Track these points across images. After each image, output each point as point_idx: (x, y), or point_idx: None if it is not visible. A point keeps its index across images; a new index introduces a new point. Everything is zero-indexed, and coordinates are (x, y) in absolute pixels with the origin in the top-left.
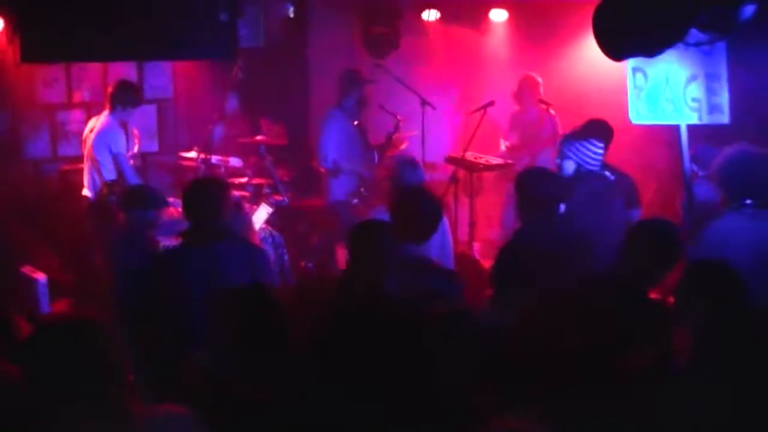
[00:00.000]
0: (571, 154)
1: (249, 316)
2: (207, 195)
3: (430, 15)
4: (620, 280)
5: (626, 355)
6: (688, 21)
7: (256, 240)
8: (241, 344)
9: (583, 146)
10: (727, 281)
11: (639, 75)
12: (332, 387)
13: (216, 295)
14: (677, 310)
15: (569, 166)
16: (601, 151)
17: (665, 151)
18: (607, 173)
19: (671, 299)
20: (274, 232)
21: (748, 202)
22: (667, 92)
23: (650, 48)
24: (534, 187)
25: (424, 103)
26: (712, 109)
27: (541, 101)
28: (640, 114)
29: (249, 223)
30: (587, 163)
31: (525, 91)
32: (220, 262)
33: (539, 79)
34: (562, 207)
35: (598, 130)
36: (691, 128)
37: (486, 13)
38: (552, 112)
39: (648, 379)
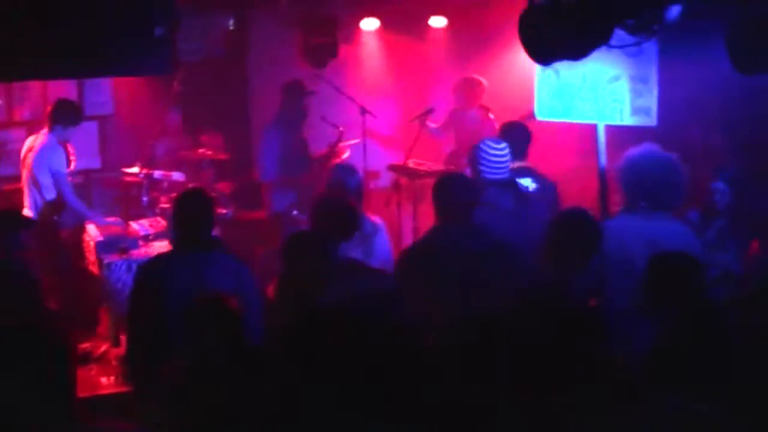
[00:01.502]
0: (469, 161)
1: (208, 326)
2: (198, 205)
3: (369, 24)
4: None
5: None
6: (611, 24)
7: None
8: (206, 352)
9: (479, 151)
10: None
11: (549, 72)
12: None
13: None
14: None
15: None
16: (498, 157)
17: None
18: (525, 183)
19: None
20: None
21: (642, 204)
22: (584, 92)
23: (575, 52)
24: (446, 194)
25: (364, 111)
26: (636, 111)
27: (482, 105)
28: (547, 110)
29: None
30: (486, 170)
31: (467, 90)
32: (206, 272)
33: (485, 83)
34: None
35: (506, 132)
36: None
37: (425, 20)
38: (491, 116)
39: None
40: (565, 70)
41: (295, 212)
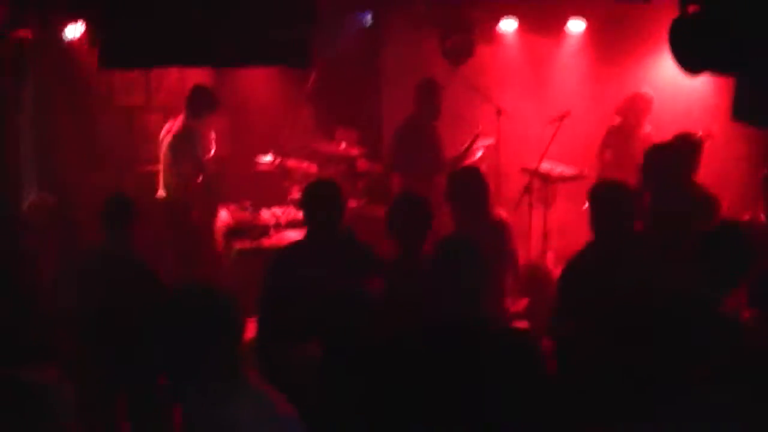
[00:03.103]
0: None
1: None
2: (329, 195)
3: (508, 24)
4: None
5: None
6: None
7: None
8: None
9: None
10: None
11: None
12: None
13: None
14: None
15: None
16: None
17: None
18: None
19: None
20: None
21: None
22: None
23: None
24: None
25: (499, 112)
26: None
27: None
28: None
29: None
30: None
31: (638, 107)
32: (335, 262)
33: (652, 97)
34: None
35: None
36: None
37: (564, 22)
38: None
39: None
40: None
41: None
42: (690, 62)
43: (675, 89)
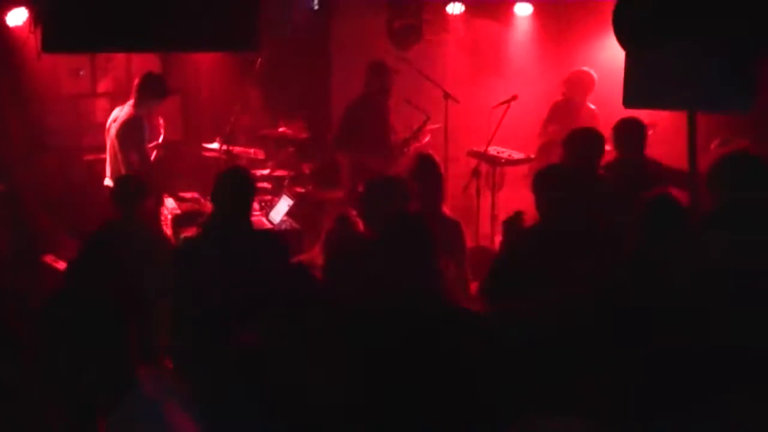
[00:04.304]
0: None
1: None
2: (237, 184)
3: (455, 8)
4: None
5: None
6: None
7: None
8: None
9: None
10: None
11: None
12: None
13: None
14: None
15: None
16: None
17: None
18: None
19: None
20: (294, 224)
21: None
22: None
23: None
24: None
25: (447, 96)
26: None
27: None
28: None
29: None
30: None
31: (579, 83)
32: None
33: (595, 76)
34: None
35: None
36: None
37: (511, 6)
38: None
39: None
40: None
41: None
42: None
43: (621, 70)
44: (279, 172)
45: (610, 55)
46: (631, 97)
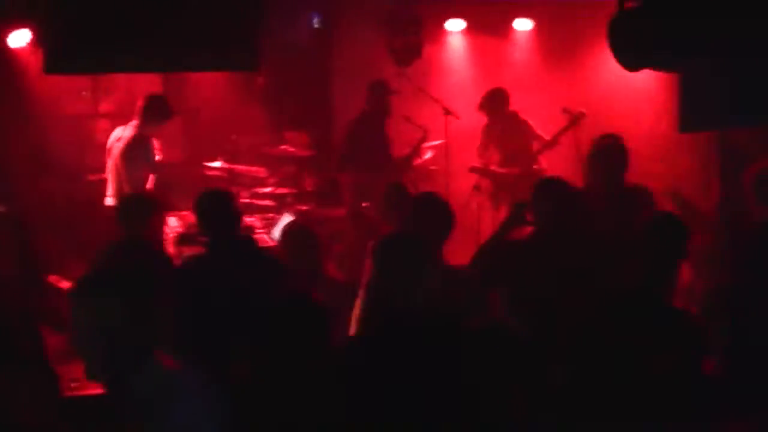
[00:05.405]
0: None
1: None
2: (219, 204)
3: (455, 24)
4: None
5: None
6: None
7: None
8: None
9: None
10: None
11: None
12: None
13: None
14: None
15: None
16: None
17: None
18: None
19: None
20: None
21: None
22: None
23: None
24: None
25: (447, 112)
26: None
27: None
28: None
29: None
30: None
31: (498, 102)
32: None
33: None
34: None
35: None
36: None
37: (511, 22)
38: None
39: None
40: None
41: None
42: (628, 59)
43: (623, 87)
44: (281, 190)
45: (610, 69)
46: (686, 122)
